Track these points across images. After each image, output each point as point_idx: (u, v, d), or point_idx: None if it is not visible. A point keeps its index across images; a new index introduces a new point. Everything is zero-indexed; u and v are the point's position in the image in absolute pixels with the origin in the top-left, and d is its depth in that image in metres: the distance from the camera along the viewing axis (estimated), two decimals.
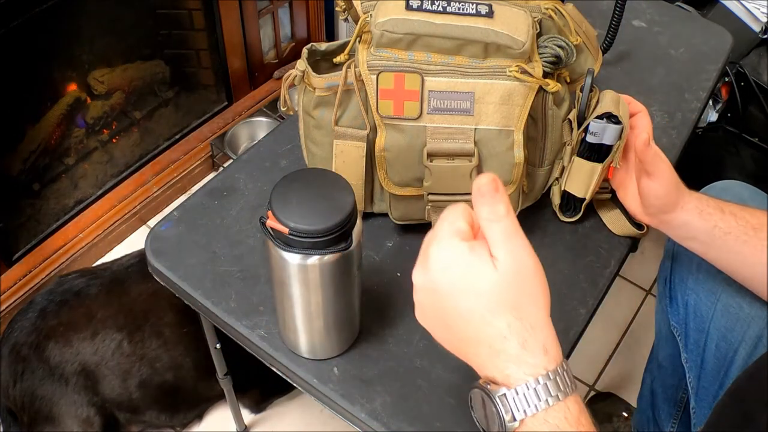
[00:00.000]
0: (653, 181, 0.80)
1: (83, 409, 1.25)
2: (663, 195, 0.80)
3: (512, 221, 0.54)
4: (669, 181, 0.80)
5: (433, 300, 0.55)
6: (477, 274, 0.52)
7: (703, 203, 0.79)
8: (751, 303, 0.86)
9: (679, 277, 0.96)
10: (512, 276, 0.53)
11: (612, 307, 1.63)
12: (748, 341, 0.85)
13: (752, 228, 0.77)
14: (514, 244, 0.53)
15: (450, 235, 0.54)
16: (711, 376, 0.91)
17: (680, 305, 0.95)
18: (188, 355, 1.29)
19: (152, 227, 0.91)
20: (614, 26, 1.09)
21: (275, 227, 0.65)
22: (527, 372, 0.52)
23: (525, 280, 0.54)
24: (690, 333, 0.94)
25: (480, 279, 0.52)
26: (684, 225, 0.80)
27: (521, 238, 0.54)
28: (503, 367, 0.53)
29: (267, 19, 1.95)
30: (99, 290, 1.29)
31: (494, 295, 0.52)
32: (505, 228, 0.53)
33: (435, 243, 0.54)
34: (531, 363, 0.52)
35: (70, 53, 1.58)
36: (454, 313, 0.54)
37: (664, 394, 1.13)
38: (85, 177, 1.71)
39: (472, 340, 0.54)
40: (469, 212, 0.55)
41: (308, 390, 0.79)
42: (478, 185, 0.52)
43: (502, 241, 0.53)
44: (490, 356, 0.53)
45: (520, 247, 0.54)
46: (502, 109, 0.77)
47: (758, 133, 1.70)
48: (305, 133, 0.87)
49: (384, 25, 0.75)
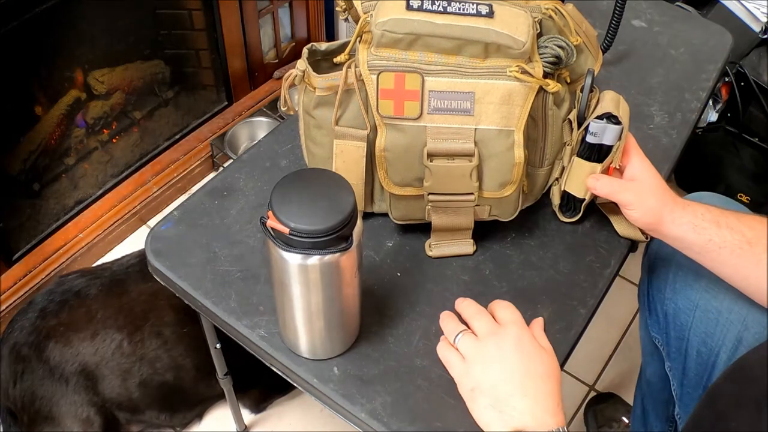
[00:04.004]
0: (626, 208, 0.83)
1: (83, 409, 1.25)
2: (638, 218, 0.82)
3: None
4: (643, 207, 0.81)
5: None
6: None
7: (698, 218, 0.79)
8: (729, 308, 0.87)
9: (656, 288, 0.96)
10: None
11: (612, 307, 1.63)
12: (728, 345, 0.86)
13: (747, 242, 0.77)
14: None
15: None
16: (694, 382, 0.92)
17: (660, 315, 0.96)
18: (188, 355, 1.29)
19: (152, 227, 0.91)
20: (614, 26, 1.09)
21: (275, 227, 0.65)
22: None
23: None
24: (671, 342, 0.95)
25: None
26: (678, 239, 0.81)
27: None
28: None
29: (267, 19, 1.95)
30: (99, 290, 1.29)
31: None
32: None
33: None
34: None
35: (70, 53, 1.58)
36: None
37: (655, 411, 1.13)
38: (85, 177, 1.71)
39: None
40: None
41: (308, 390, 0.79)
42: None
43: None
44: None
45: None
46: (503, 109, 0.77)
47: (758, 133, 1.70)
48: (305, 133, 0.87)
49: (384, 25, 0.75)
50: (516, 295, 0.84)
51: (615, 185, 0.83)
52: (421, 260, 0.89)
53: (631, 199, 0.82)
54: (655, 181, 0.82)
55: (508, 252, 0.90)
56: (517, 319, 0.76)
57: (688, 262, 0.84)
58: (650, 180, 0.82)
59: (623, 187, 0.83)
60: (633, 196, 0.82)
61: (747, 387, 0.62)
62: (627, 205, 0.83)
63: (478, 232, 0.89)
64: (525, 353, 0.73)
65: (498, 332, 0.75)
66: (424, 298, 0.85)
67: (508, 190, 0.82)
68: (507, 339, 0.74)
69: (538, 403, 0.69)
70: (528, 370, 0.72)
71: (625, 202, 0.83)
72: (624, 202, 0.83)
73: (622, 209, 0.84)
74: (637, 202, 0.82)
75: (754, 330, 0.85)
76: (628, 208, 0.83)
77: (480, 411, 0.71)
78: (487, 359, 0.73)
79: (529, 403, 0.69)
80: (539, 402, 0.69)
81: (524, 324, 0.76)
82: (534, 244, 0.92)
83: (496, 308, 0.78)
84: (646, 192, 0.82)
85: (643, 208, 0.81)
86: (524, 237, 0.92)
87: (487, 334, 0.75)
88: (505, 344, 0.73)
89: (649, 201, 0.81)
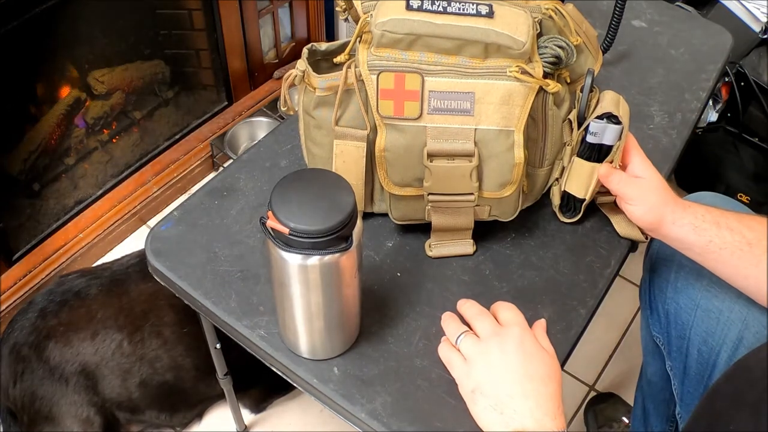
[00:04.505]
0: (629, 204, 0.83)
1: (83, 409, 1.25)
2: (640, 216, 0.83)
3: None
4: (646, 205, 0.82)
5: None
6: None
7: (698, 219, 0.79)
8: (730, 307, 0.87)
9: (657, 287, 0.97)
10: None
11: (612, 307, 1.63)
12: (729, 344, 0.86)
13: (747, 243, 0.77)
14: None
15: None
16: (695, 381, 0.92)
17: (661, 314, 0.96)
18: (188, 355, 1.29)
19: (152, 227, 0.91)
20: (614, 26, 1.09)
21: (275, 227, 0.65)
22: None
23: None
24: (672, 341, 0.95)
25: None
26: (678, 240, 0.81)
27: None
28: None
29: (267, 19, 1.95)
30: (99, 290, 1.29)
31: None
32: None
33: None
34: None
35: (70, 53, 1.58)
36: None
37: (656, 411, 1.14)
38: (85, 177, 1.71)
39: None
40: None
41: (308, 390, 0.79)
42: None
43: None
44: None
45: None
46: (503, 110, 0.77)
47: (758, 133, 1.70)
48: (305, 133, 0.87)
49: (384, 25, 0.75)
50: (516, 296, 0.85)
51: (623, 178, 0.84)
52: (421, 260, 0.89)
53: (635, 194, 0.82)
54: (657, 181, 0.83)
55: (508, 252, 0.90)
56: (520, 321, 0.76)
57: (689, 262, 0.84)
58: (653, 179, 0.83)
59: (630, 181, 0.83)
60: (637, 192, 0.82)
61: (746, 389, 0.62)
62: (630, 200, 0.83)
63: (478, 232, 0.89)
64: (527, 355, 0.73)
65: (500, 333, 0.75)
66: (424, 298, 0.85)
67: (508, 190, 0.82)
68: (509, 340, 0.74)
69: (539, 406, 0.69)
70: (529, 372, 0.72)
71: (628, 196, 0.83)
72: (627, 197, 0.83)
73: (625, 206, 0.84)
74: (640, 198, 0.82)
75: (755, 329, 0.85)
76: (631, 204, 0.83)
77: (480, 412, 0.71)
78: (488, 360, 0.73)
79: (530, 405, 0.69)
80: (540, 404, 0.70)
81: (526, 325, 0.76)
82: (534, 244, 0.92)
83: (498, 309, 0.78)
84: (649, 190, 0.82)
85: (646, 205, 0.82)
86: (524, 237, 0.92)
87: (489, 336, 0.75)
88: (507, 346, 0.73)
89: (651, 199, 0.82)
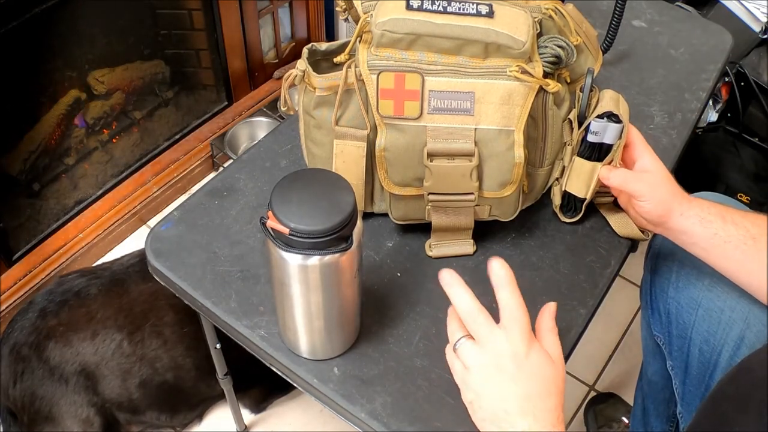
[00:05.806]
0: (639, 200, 0.83)
1: (83, 409, 1.25)
2: (650, 210, 0.82)
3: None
4: (656, 198, 0.81)
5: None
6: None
7: (704, 211, 0.80)
8: (731, 306, 0.87)
9: (659, 287, 0.96)
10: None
11: (612, 307, 1.63)
12: (730, 343, 0.86)
13: (751, 237, 0.78)
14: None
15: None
16: (696, 381, 0.92)
17: (662, 314, 0.96)
18: (188, 355, 1.29)
19: (152, 227, 0.91)
20: (614, 26, 1.09)
21: (275, 227, 0.65)
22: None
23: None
24: (673, 340, 0.95)
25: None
26: (685, 232, 0.81)
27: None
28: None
29: (267, 19, 1.95)
30: (99, 290, 1.29)
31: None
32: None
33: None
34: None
35: (70, 53, 1.58)
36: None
37: (656, 410, 1.13)
38: (85, 177, 1.71)
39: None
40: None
41: (308, 390, 0.79)
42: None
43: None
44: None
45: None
46: (503, 109, 0.77)
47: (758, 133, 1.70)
48: (305, 133, 0.87)
49: (384, 24, 0.75)
50: None
51: (628, 176, 0.84)
52: (421, 260, 0.89)
53: (644, 189, 0.82)
54: (665, 174, 0.83)
55: (508, 252, 0.90)
56: (520, 317, 0.69)
57: (690, 261, 0.84)
58: (661, 172, 0.83)
59: (636, 177, 0.83)
60: (646, 187, 0.82)
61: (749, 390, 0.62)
62: (640, 195, 0.82)
63: (478, 232, 0.89)
64: (524, 371, 0.68)
65: (497, 340, 0.69)
66: (424, 298, 0.85)
67: (508, 190, 0.82)
68: (505, 354, 0.68)
69: (537, 420, 0.68)
70: (527, 391, 0.68)
71: (638, 193, 0.82)
72: (637, 193, 0.83)
73: (634, 202, 0.84)
74: (649, 193, 0.82)
75: (757, 329, 0.85)
76: (641, 199, 0.82)
77: (479, 422, 0.70)
78: (485, 374, 0.69)
79: (529, 421, 0.67)
80: (539, 419, 0.68)
81: (527, 325, 0.69)
82: (534, 244, 0.92)
83: (497, 290, 0.71)
84: (658, 183, 0.82)
85: (655, 199, 0.82)
86: (524, 237, 0.92)
87: (485, 341, 0.69)
88: (504, 360, 0.68)
89: (660, 192, 0.82)
